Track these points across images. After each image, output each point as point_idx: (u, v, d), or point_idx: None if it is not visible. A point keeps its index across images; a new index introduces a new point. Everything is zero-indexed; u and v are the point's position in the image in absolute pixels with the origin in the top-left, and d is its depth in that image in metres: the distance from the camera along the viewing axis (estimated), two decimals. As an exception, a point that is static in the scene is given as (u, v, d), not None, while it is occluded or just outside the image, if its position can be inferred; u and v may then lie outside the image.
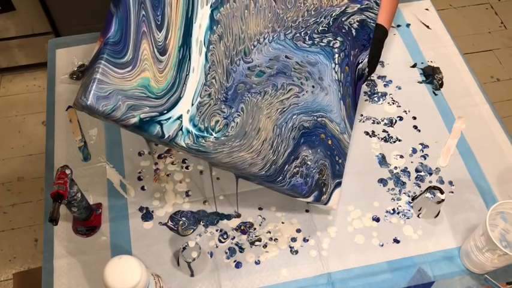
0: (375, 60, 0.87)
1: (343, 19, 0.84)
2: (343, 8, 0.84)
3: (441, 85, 1.04)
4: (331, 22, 0.83)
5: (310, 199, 0.79)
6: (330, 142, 0.82)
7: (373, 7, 0.87)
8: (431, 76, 1.05)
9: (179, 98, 0.70)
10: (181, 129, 0.69)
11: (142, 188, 0.89)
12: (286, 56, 0.79)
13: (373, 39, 0.87)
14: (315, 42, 0.81)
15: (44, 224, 0.85)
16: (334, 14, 0.83)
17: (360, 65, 0.86)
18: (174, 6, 0.71)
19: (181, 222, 0.85)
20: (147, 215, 0.86)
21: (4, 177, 1.78)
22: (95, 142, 0.94)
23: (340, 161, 0.84)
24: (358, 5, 0.85)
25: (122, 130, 0.96)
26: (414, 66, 1.07)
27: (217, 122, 0.72)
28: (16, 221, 1.69)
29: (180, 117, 0.69)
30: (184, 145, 0.70)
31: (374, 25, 0.87)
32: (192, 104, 0.70)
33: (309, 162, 0.79)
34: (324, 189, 0.80)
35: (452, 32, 1.13)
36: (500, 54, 2.09)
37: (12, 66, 2.02)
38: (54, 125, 0.97)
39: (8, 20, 1.81)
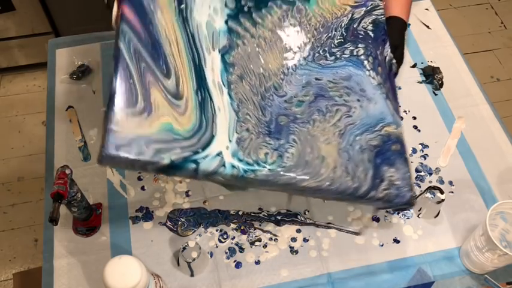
0: (400, 50, 0.85)
1: (354, 26, 0.83)
2: (350, 15, 0.83)
3: (441, 85, 1.04)
4: (344, 32, 0.82)
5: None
6: (398, 147, 0.78)
7: (378, 4, 0.85)
8: (431, 76, 1.05)
9: (212, 137, 0.69)
10: (223, 165, 0.67)
11: (142, 188, 0.89)
12: (316, 78, 0.78)
13: (391, 30, 0.85)
14: (337, 56, 0.81)
15: (44, 224, 0.85)
16: (343, 24, 0.82)
17: (387, 58, 0.83)
18: (177, 56, 0.71)
19: (180, 222, 0.85)
20: (147, 215, 0.86)
21: (4, 177, 1.78)
22: (95, 142, 0.94)
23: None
24: (364, 8, 0.84)
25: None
26: (414, 66, 1.07)
27: (266, 154, 0.71)
28: (16, 221, 1.69)
29: (219, 154, 0.68)
30: (224, 181, 0.69)
31: (384, 18, 0.85)
32: (230, 141, 0.69)
33: (397, 182, 0.75)
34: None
35: (452, 32, 1.13)
36: (500, 54, 2.09)
37: (12, 66, 2.02)
38: (54, 125, 0.97)
39: (8, 20, 1.81)
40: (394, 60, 0.84)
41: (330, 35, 0.81)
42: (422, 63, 1.07)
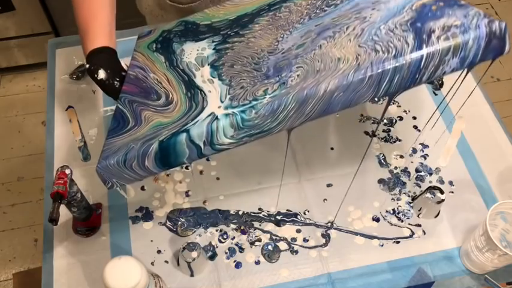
0: None
1: None
2: None
3: (441, 85, 1.04)
4: None
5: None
6: (441, 4, 0.65)
7: None
8: (431, 76, 1.05)
9: (203, 109, 0.65)
10: (216, 118, 0.61)
11: (142, 188, 0.89)
12: (316, 25, 0.71)
13: None
14: (338, 2, 0.73)
15: (43, 224, 0.85)
16: None
17: None
18: (167, 85, 0.73)
19: (180, 222, 0.85)
20: (147, 215, 0.86)
21: (4, 177, 1.79)
22: (94, 142, 0.94)
23: None
24: None
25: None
26: (414, 66, 1.06)
27: (266, 89, 0.63)
28: (16, 221, 1.69)
29: (210, 114, 0.63)
30: (229, 139, 0.61)
31: None
32: (222, 101, 0.65)
33: (457, 22, 0.61)
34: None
35: (452, 32, 1.13)
36: (500, 54, 2.09)
37: (12, 66, 2.03)
38: (54, 125, 0.97)
39: (8, 20, 1.81)
40: None
41: None
42: (422, 63, 1.07)
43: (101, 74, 0.75)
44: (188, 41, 0.81)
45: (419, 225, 0.86)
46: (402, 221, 0.86)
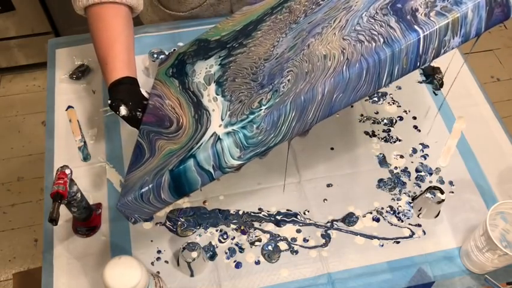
0: None
1: None
2: None
3: (441, 85, 1.04)
4: None
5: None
6: None
7: None
8: (431, 76, 1.05)
9: (206, 129, 0.64)
10: (218, 139, 0.60)
11: (142, 188, 0.89)
12: (309, 23, 0.70)
13: None
14: None
15: (43, 224, 0.85)
16: None
17: None
18: (179, 109, 0.73)
19: (179, 222, 0.85)
20: (147, 215, 0.86)
21: (4, 177, 1.79)
22: (95, 142, 0.94)
23: None
24: None
25: (122, 130, 0.96)
26: (414, 66, 1.06)
27: (260, 100, 0.62)
28: (16, 221, 1.69)
29: (212, 135, 0.62)
30: (236, 160, 0.60)
31: None
32: (223, 119, 0.64)
33: None
34: None
35: (452, 32, 1.13)
36: (500, 54, 2.09)
37: (12, 66, 2.03)
38: (54, 125, 0.97)
39: (8, 20, 1.81)
40: None
41: None
42: (422, 63, 1.07)
43: (123, 111, 0.77)
44: (199, 60, 0.82)
45: (419, 225, 0.86)
46: (402, 221, 0.86)
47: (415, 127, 0.98)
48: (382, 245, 0.84)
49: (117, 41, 0.83)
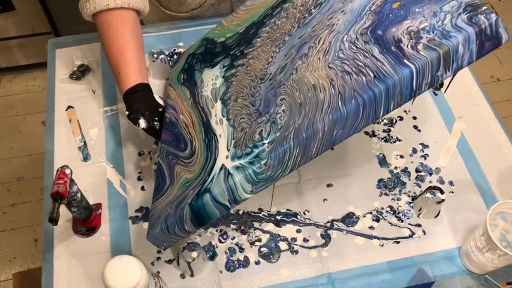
0: None
1: None
2: None
3: (441, 85, 1.04)
4: None
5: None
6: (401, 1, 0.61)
7: None
8: (432, 76, 1.05)
9: (215, 160, 0.67)
10: (229, 174, 0.63)
11: (142, 188, 0.89)
12: (299, 38, 0.72)
13: None
14: (322, 1, 0.72)
15: (44, 224, 0.85)
16: None
17: None
18: (192, 129, 0.75)
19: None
20: (147, 215, 0.86)
21: (4, 177, 1.79)
22: (95, 142, 0.94)
23: None
24: None
25: (122, 130, 0.96)
26: (414, 66, 1.06)
27: (260, 131, 0.65)
28: (16, 221, 1.69)
29: (222, 167, 0.66)
30: (249, 194, 0.63)
31: None
32: (228, 149, 0.67)
33: (424, 24, 0.56)
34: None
35: (452, 32, 1.13)
36: (500, 54, 2.09)
37: (12, 66, 2.03)
38: (54, 125, 0.97)
39: (8, 20, 1.81)
40: None
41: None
42: (422, 63, 1.07)
43: (142, 124, 0.80)
44: (206, 68, 0.84)
45: (419, 225, 0.86)
46: (402, 221, 0.86)
47: (415, 127, 0.98)
48: (382, 245, 0.84)
49: (128, 47, 0.84)
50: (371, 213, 0.87)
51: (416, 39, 0.57)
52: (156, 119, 0.81)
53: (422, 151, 0.94)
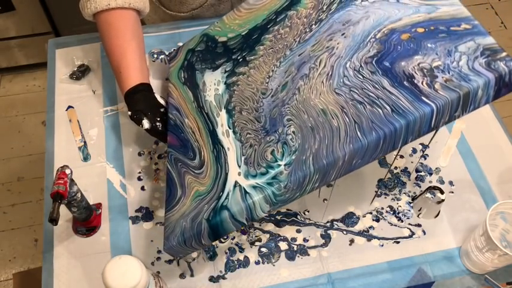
0: None
1: None
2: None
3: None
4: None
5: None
6: (418, 31, 0.60)
7: None
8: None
9: (226, 175, 0.68)
10: (246, 192, 0.64)
11: (142, 188, 0.89)
12: (299, 55, 0.73)
13: None
14: (322, 18, 0.72)
15: (44, 224, 0.85)
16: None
17: None
18: (199, 137, 0.76)
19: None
20: (147, 215, 0.86)
21: (4, 177, 1.79)
22: (95, 142, 0.94)
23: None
24: None
25: (122, 130, 0.96)
26: (414, 66, 1.07)
27: (272, 151, 0.66)
28: (16, 221, 1.69)
29: (236, 184, 0.66)
30: (265, 213, 0.65)
31: None
32: (239, 166, 0.68)
33: (438, 62, 0.56)
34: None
35: (452, 32, 1.13)
36: (500, 54, 2.09)
37: (12, 66, 2.03)
38: (54, 125, 0.97)
39: (8, 20, 1.81)
40: None
41: (319, 7, 0.74)
42: (422, 63, 1.07)
43: (146, 124, 0.80)
44: (207, 69, 0.84)
45: (419, 225, 0.86)
46: (402, 221, 0.86)
47: (415, 127, 0.98)
48: (382, 245, 0.84)
49: (129, 48, 0.85)
50: (371, 213, 0.87)
51: (431, 78, 0.58)
52: (158, 119, 0.81)
53: (422, 151, 0.94)
